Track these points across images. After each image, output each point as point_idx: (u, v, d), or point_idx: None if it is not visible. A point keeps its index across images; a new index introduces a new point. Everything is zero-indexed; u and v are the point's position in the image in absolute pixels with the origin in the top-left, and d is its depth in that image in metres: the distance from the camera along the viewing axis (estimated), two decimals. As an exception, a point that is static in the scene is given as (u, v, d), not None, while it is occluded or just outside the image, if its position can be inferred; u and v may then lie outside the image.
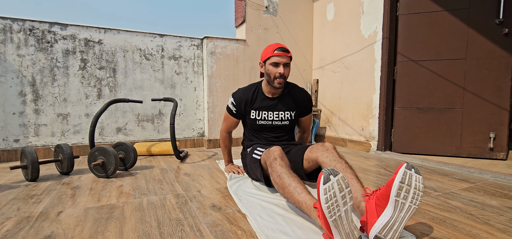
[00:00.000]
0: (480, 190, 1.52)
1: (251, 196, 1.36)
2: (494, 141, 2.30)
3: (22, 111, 2.31)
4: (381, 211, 0.91)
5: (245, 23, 3.04)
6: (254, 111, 1.64)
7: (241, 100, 1.65)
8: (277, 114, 1.63)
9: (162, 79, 2.81)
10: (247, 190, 1.45)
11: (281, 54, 1.50)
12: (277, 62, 1.51)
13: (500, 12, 2.22)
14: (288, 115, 1.64)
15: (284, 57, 1.51)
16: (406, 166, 0.90)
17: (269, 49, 1.54)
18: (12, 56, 2.25)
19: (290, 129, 1.70)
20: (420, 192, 0.89)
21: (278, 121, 1.63)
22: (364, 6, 2.73)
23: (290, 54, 1.54)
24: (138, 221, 1.10)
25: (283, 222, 1.07)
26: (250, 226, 1.06)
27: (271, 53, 1.51)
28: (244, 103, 1.65)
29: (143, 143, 2.59)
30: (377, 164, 2.16)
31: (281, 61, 1.50)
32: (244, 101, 1.65)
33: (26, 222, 1.10)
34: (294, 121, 1.67)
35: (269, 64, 1.53)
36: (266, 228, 1.02)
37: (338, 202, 0.85)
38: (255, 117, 1.64)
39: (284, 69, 1.52)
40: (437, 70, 2.44)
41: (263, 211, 1.17)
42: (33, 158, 1.62)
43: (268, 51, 1.54)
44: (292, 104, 1.65)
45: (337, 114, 3.12)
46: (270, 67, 1.52)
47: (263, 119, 1.64)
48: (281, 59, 1.50)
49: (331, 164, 1.22)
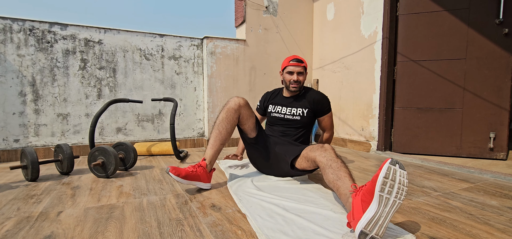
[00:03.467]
0: (480, 190, 1.52)
1: (251, 196, 1.36)
2: (494, 141, 2.30)
3: (22, 111, 2.31)
4: (366, 206, 0.91)
5: (245, 23, 3.04)
6: (271, 105, 1.95)
7: (265, 98, 2.04)
8: (289, 109, 1.86)
9: (162, 79, 2.81)
10: (247, 190, 1.45)
11: (295, 64, 1.79)
12: (292, 71, 1.80)
13: (500, 12, 2.22)
14: (300, 111, 1.83)
15: (297, 67, 1.79)
16: (390, 162, 0.91)
17: (286, 60, 1.84)
18: (12, 56, 2.25)
19: (301, 125, 1.84)
20: (404, 187, 0.89)
21: (289, 115, 1.84)
22: (364, 6, 2.73)
23: (303, 64, 1.81)
24: (138, 221, 1.10)
25: (283, 222, 1.07)
26: (250, 226, 1.06)
27: (287, 63, 1.81)
28: (265, 99, 2.03)
29: (143, 143, 2.59)
30: (377, 164, 2.16)
31: (295, 70, 1.79)
32: (266, 98, 2.03)
33: (26, 222, 1.10)
34: (306, 117, 1.82)
35: (285, 73, 1.83)
36: (266, 228, 1.01)
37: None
38: (271, 110, 1.94)
39: (298, 77, 1.79)
40: (437, 70, 2.44)
41: (263, 211, 1.17)
42: (33, 158, 1.62)
43: (285, 62, 1.84)
44: (305, 103, 1.84)
45: (337, 114, 3.12)
46: (286, 75, 1.82)
47: (277, 112, 1.89)
48: (295, 69, 1.79)
49: (327, 163, 1.26)
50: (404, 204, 1.28)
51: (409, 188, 1.54)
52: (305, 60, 2.00)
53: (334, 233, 0.98)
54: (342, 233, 0.98)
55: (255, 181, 1.63)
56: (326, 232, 0.99)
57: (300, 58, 1.80)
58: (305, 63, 1.81)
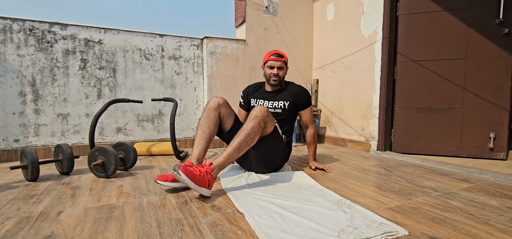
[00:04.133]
0: (480, 190, 1.52)
1: (247, 195, 1.37)
2: (494, 141, 2.30)
3: (22, 111, 2.31)
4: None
5: (245, 23, 3.04)
6: (253, 99, 2.00)
7: (246, 92, 2.06)
8: (271, 103, 1.93)
9: (162, 79, 2.81)
10: (243, 189, 1.46)
11: (275, 59, 1.85)
12: (272, 65, 1.86)
13: (500, 12, 2.22)
14: (281, 104, 1.90)
15: (277, 61, 1.85)
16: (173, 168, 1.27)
17: (267, 55, 1.89)
18: (12, 56, 2.25)
19: (284, 118, 1.91)
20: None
21: (271, 108, 1.92)
22: (364, 6, 2.73)
23: (284, 59, 1.87)
24: (138, 221, 1.10)
25: (281, 220, 1.08)
26: (250, 226, 1.06)
27: (268, 57, 1.87)
28: (247, 93, 2.05)
29: (143, 143, 2.59)
30: (377, 164, 2.16)
31: (275, 65, 1.85)
32: (248, 92, 2.05)
33: (26, 222, 1.10)
34: (288, 110, 1.90)
35: (266, 67, 1.89)
36: (264, 226, 1.02)
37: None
38: (253, 104, 1.98)
39: (278, 71, 1.86)
40: (437, 70, 2.44)
41: (261, 210, 1.18)
42: (33, 158, 1.62)
43: (266, 56, 1.90)
44: (286, 96, 1.91)
45: (337, 114, 3.12)
46: (267, 69, 1.89)
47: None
48: (275, 63, 1.85)
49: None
50: (404, 204, 1.29)
51: (409, 188, 1.54)
52: (286, 55, 2.01)
53: (331, 229, 1.00)
54: (339, 229, 1.00)
55: (249, 180, 1.63)
56: (323, 228, 1.01)
57: (281, 53, 1.87)
58: (285, 58, 1.88)
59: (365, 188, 1.54)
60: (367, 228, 1.01)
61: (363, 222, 1.06)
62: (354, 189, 1.52)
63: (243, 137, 1.44)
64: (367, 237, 0.94)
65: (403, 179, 1.72)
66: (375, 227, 1.02)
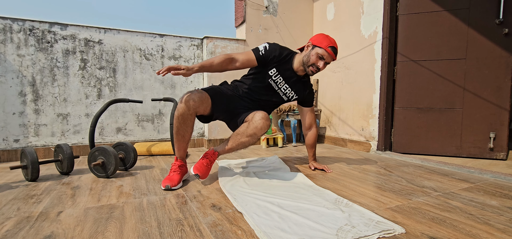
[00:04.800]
0: (480, 190, 1.52)
1: (245, 195, 1.37)
2: (494, 141, 2.30)
3: (22, 111, 2.31)
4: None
5: (245, 23, 3.04)
6: (274, 69, 1.66)
7: (274, 55, 1.65)
8: (287, 88, 1.71)
9: (162, 79, 2.81)
10: (241, 189, 1.46)
11: (331, 53, 1.59)
12: (323, 57, 1.58)
13: (500, 12, 2.22)
14: (293, 94, 1.75)
15: (330, 57, 1.61)
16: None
17: (324, 41, 1.59)
18: (12, 56, 2.25)
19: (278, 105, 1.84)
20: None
21: (282, 93, 1.73)
22: (364, 6, 2.73)
23: (336, 58, 1.67)
24: (138, 221, 1.10)
25: (279, 219, 1.08)
26: (249, 225, 1.06)
27: (325, 46, 1.58)
28: (274, 57, 1.65)
29: (143, 143, 2.59)
30: (377, 164, 2.16)
31: (327, 60, 1.61)
32: (275, 56, 1.65)
33: (26, 222, 1.10)
34: (290, 102, 1.89)
35: (315, 52, 1.59)
36: (263, 225, 1.02)
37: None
38: (271, 74, 1.66)
39: (324, 66, 1.62)
40: (437, 70, 2.44)
41: (259, 209, 1.18)
42: (33, 158, 1.62)
43: (322, 41, 1.58)
44: (301, 89, 1.76)
45: (337, 114, 3.12)
46: (313, 56, 1.59)
47: (274, 82, 1.69)
48: (328, 58, 1.61)
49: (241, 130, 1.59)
50: (404, 204, 1.29)
51: (409, 188, 1.54)
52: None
53: (329, 228, 1.00)
54: (337, 228, 1.01)
55: (247, 180, 1.63)
56: (322, 227, 1.01)
57: (337, 49, 1.64)
58: (336, 58, 1.73)
59: (365, 188, 1.54)
60: (364, 226, 1.02)
61: (360, 220, 1.07)
62: (354, 189, 1.52)
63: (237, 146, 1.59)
64: (365, 235, 0.95)
65: (403, 179, 1.72)
66: (373, 226, 1.02)
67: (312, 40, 1.64)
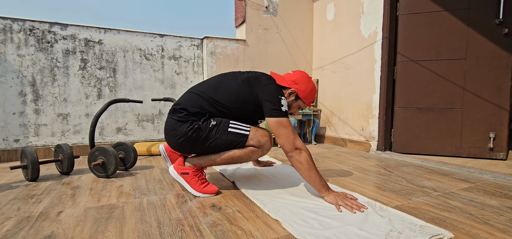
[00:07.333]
0: (480, 190, 1.52)
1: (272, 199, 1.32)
2: (494, 141, 2.30)
3: (22, 111, 2.31)
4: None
5: (245, 23, 3.04)
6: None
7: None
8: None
9: (162, 79, 2.81)
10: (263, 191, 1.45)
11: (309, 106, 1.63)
12: (302, 108, 1.56)
13: (500, 12, 2.22)
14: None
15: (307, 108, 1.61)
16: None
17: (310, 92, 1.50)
18: (12, 56, 2.26)
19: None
20: None
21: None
22: (364, 6, 2.73)
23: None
24: (138, 221, 1.10)
25: (319, 225, 1.04)
26: (250, 226, 1.06)
27: (311, 98, 1.52)
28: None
29: (143, 143, 2.59)
30: (377, 164, 2.16)
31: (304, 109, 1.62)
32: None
33: (26, 222, 1.10)
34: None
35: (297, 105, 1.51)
36: (308, 234, 0.97)
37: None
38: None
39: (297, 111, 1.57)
40: (437, 70, 2.44)
41: (294, 216, 1.12)
42: (33, 158, 1.62)
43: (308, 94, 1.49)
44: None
45: (337, 114, 3.12)
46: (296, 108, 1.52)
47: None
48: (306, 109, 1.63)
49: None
50: (404, 204, 1.29)
51: (409, 188, 1.54)
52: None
53: (376, 235, 0.96)
54: (384, 234, 0.97)
55: (259, 176, 1.62)
56: (368, 234, 0.97)
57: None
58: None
59: (365, 188, 1.54)
60: (410, 231, 0.98)
61: (403, 225, 1.03)
62: (354, 189, 1.52)
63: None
64: None
65: (403, 179, 1.72)
66: (418, 230, 0.99)
67: (297, 88, 1.47)
